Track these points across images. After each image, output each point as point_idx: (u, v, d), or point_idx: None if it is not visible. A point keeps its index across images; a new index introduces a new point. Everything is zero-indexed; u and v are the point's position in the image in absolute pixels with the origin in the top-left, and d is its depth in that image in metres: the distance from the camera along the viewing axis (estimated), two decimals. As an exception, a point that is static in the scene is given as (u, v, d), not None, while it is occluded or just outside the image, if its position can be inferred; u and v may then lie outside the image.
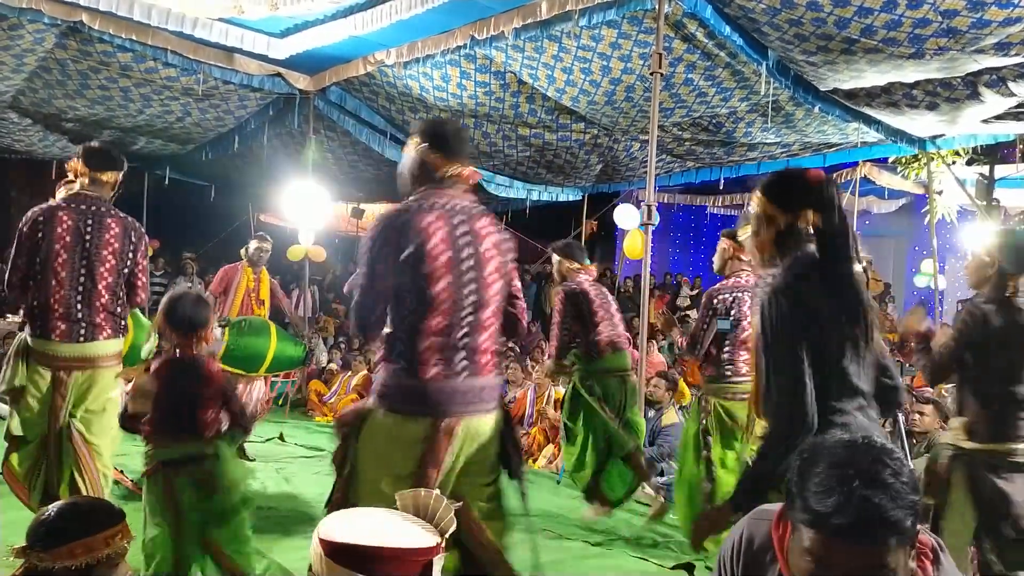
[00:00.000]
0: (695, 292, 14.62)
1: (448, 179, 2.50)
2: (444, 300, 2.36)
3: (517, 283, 2.65)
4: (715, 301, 4.23)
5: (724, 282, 4.30)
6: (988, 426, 3.06)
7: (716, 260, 4.44)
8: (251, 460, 5.95)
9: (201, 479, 2.91)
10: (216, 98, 8.51)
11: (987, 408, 3.08)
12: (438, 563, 1.50)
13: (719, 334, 4.20)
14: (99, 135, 9.89)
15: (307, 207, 9.03)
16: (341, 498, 2.40)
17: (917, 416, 5.71)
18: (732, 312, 4.16)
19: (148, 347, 3.08)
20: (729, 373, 4.20)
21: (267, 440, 7.03)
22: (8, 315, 9.36)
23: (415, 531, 1.55)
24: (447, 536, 1.56)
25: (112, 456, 3.78)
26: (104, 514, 1.93)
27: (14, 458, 3.60)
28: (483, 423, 2.42)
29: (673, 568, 4.19)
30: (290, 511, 4.84)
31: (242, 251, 6.84)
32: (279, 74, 7.97)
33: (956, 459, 3.13)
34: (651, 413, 6.52)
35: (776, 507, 1.55)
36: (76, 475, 3.53)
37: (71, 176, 3.75)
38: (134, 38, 6.83)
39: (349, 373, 9.59)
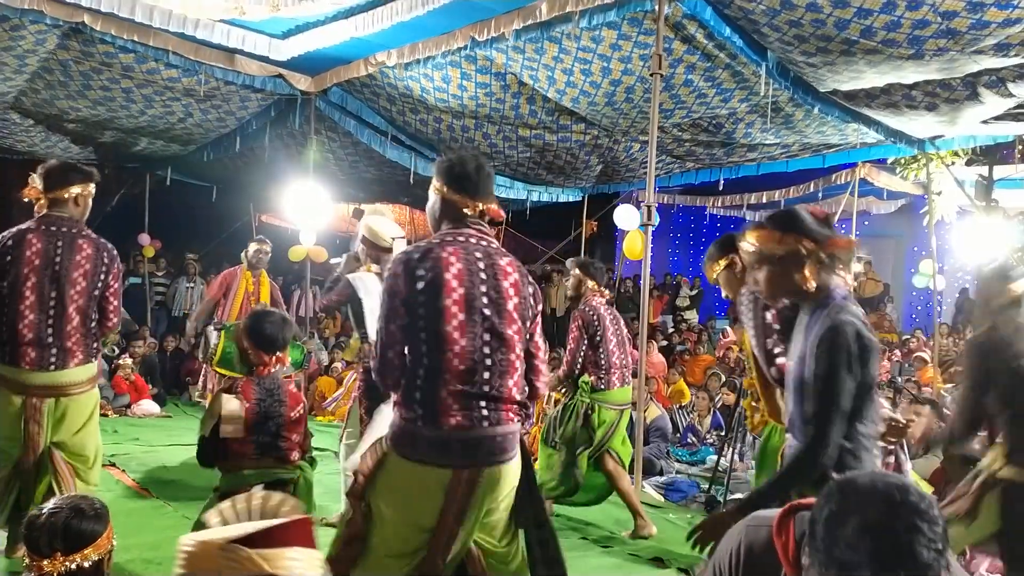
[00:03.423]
0: (695, 292, 14.64)
1: (471, 218, 2.45)
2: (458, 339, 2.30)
3: (539, 339, 2.55)
4: (584, 322, 4.81)
5: (584, 307, 4.84)
6: None
7: (571, 290, 4.99)
8: None
9: None
10: (217, 99, 8.53)
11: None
12: None
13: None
14: (101, 136, 9.93)
15: (308, 208, 9.05)
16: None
17: (916, 416, 5.71)
18: (597, 331, 4.79)
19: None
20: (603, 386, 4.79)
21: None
22: None
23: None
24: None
25: (99, 469, 3.69)
26: (105, 511, 1.94)
27: None
28: (505, 472, 2.36)
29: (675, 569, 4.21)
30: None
31: (242, 254, 6.85)
32: (280, 75, 7.98)
33: (992, 485, 3.10)
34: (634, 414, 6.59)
35: (772, 514, 1.52)
36: (55, 487, 3.40)
37: (33, 201, 3.60)
38: (136, 39, 6.84)
39: (354, 375, 9.56)
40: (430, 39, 6.80)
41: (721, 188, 10.82)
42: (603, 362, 4.79)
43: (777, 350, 2.88)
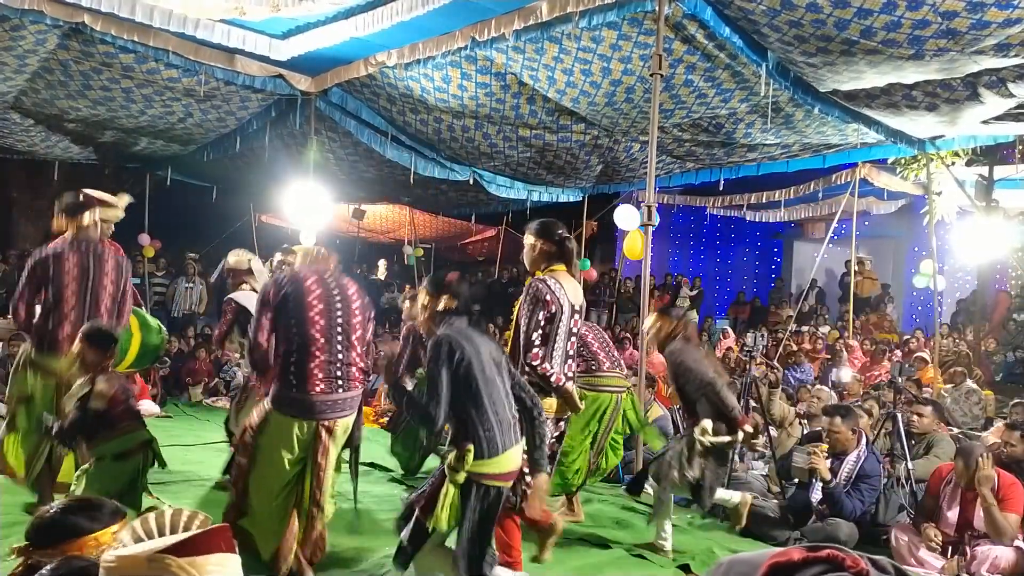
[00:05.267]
0: (695, 292, 14.64)
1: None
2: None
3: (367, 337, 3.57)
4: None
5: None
6: None
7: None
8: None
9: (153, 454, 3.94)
10: (218, 99, 8.53)
11: None
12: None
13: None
14: (101, 136, 9.93)
15: (308, 208, 9.04)
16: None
17: (916, 417, 5.72)
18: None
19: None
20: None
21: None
22: (9, 315, 9.38)
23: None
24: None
25: None
26: (108, 511, 1.94)
27: (11, 445, 4.20)
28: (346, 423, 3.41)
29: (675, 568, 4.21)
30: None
31: (266, 264, 6.84)
32: (280, 75, 7.98)
33: None
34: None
35: (759, 556, 1.40)
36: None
37: (60, 231, 4.33)
38: (136, 39, 6.85)
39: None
40: (430, 39, 6.81)
41: (721, 188, 10.81)
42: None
43: (537, 343, 3.54)
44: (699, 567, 4.12)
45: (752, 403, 6.32)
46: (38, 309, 4.24)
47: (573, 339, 3.64)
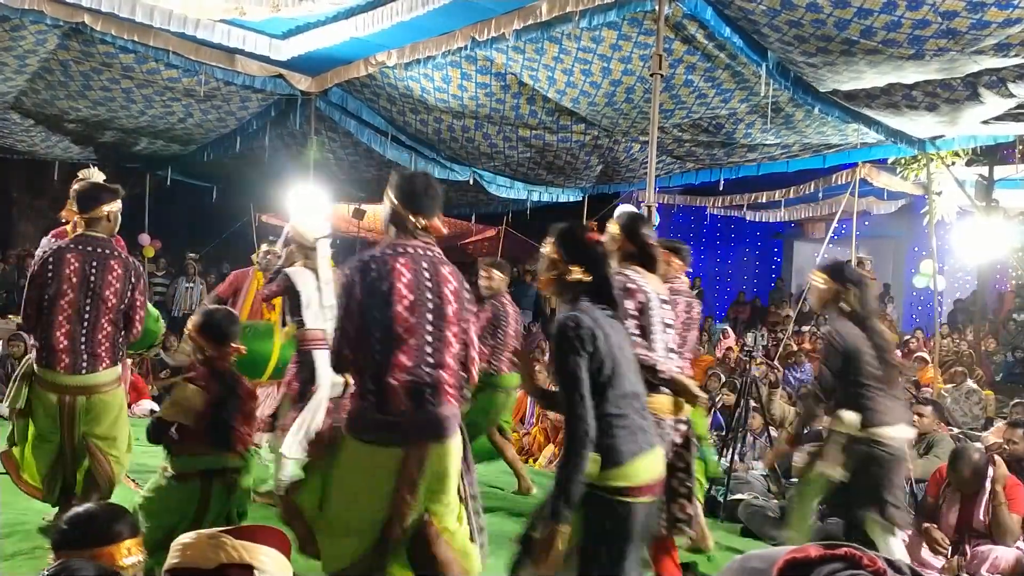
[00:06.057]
0: (695, 292, 14.62)
1: (417, 230, 2.78)
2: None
3: (473, 335, 2.86)
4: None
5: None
6: None
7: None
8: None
9: (231, 487, 3.18)
10: (218, 99, 8.53)
11: None
12: None
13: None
14: (101, 136, 9.93)
15: (309, 208, 9.03)
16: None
17: (917, 417, 5.71)
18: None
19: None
20: None
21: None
22: (9, 315, 9.38)
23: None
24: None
25: (130, 455, 4.05)
26: (129, 524, 1.96)
27: (27, 455, 3.91)
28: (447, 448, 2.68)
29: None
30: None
31: (253, 256, 6.87)
32: (281, 75, 7.98)
33: None
34: None
35: (776, 552, 1.31)
36: (93, 471, 3.83)
37: (68, 224, 4.02)
38: (136, 39, 6.85)
39: None
40: (430, 39, 6.80)
41: (721, 188, 10.80)
42: (500, 349, 5.39)
43: (634, 333, 3.16)
44: (705, 567, 4.11)
45: (752, 403, 6.33)
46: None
47: (670, 332, 3.32)
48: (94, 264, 3.81)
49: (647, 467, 2.39)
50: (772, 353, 9.78)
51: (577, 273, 2.49)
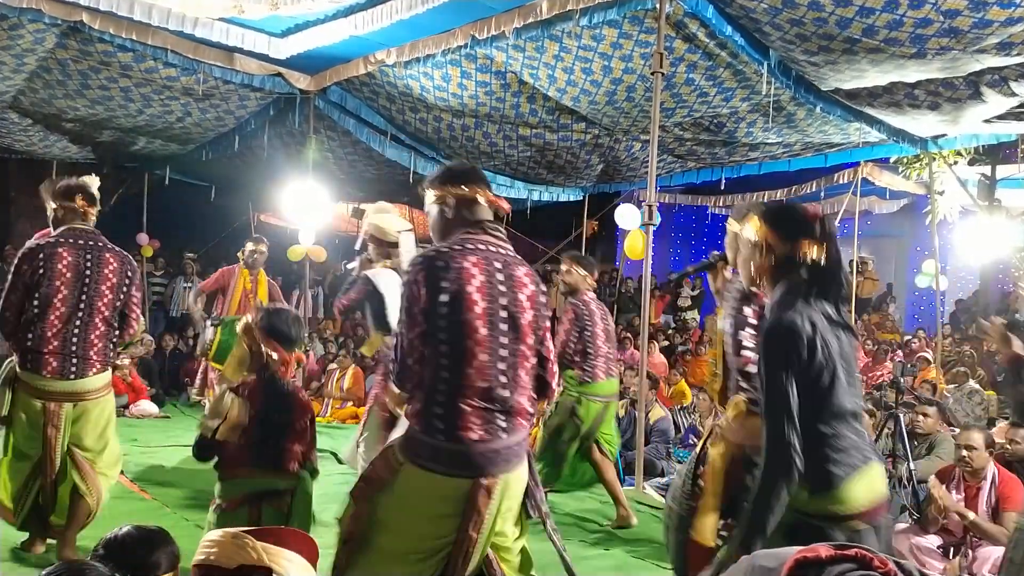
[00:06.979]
0: (696, 292, 14.60)
1: (488, 223, 2.43)
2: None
3: (549, 343, 2.51)
4: (576, 314, 4.97)
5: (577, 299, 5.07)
6: None
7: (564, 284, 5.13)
8: None
9: (285, 513, 2.83)
10: (216, 98, 8.50)
11: None
12: None
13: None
14: (99, 135, 9.90)
15: (307, 207, 9.02)
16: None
17: (920, 418, 5.68)
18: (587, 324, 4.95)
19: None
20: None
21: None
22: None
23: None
24: None
25: (119, 466, 3.88)
26: (169, 555, 1.94)
27: (2, 471, 3.60)
28: (517, 477, 2.37)
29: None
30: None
31: (239, 253, 6.83)
32: (279, 74, 7.96)
33: None
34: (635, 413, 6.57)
35: (785, 551, 1.28)
36: (79, 484, 3.57)
37: (51, 215, 3.70)
38: (134, 38, 6.82)
39: (338, 374, 9.53)
40: (430, 37, 6.78)
41: (723, 187, 10.77)
42: (591, 354, 4.88)
43: (747, 343, 2.85)
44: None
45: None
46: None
47: None
48: (88, 258, 3.60)
49: (865, 487, 2.11)
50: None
51: (809, 250, 2.11)
